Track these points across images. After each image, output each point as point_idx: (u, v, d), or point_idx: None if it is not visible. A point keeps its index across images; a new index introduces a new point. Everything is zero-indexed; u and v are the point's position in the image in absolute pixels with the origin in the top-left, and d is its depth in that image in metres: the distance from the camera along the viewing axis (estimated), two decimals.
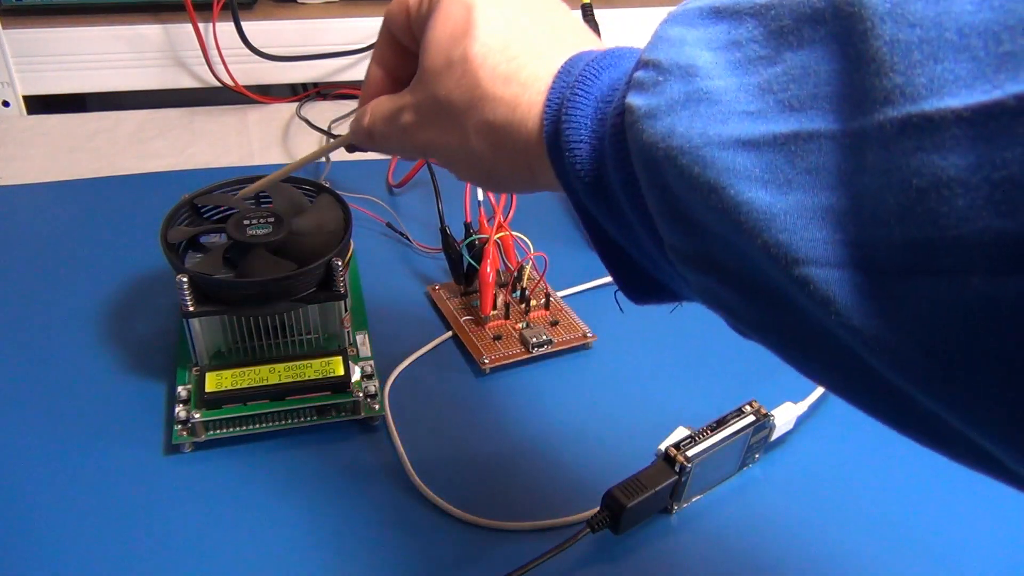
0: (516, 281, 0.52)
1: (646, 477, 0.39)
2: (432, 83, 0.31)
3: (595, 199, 0.26)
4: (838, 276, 0.19)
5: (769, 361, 0.54)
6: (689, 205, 0.22)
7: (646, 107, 0.22)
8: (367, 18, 0.78)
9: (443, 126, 0.31)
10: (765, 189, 0.20)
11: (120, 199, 0.63)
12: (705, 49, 0.22)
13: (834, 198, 0.19)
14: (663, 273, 0.27)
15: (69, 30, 0.73)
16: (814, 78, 0.20)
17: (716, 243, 0.22)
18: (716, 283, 0.23)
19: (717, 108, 0.21)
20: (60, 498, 0.40)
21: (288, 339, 0.46)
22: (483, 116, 0.29)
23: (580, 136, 0.26)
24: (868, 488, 0.43)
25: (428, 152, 0.33)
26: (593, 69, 0.27)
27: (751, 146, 0.20)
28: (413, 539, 0.39)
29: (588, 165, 0.26)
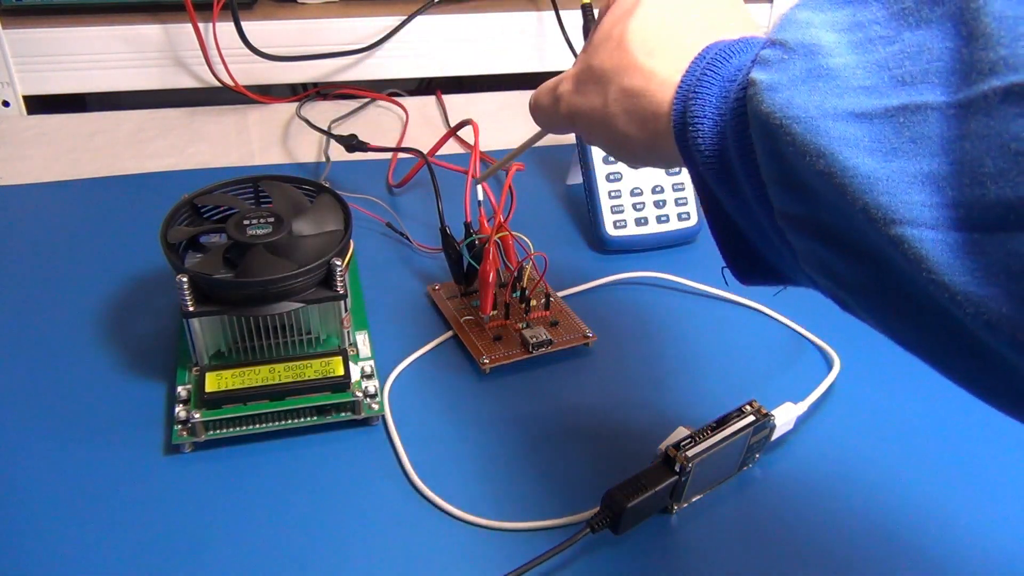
0: (516, 281, 0.52)
1: (646, 477, 0.39)
2: (592, 54, 0.35)
3: (714, 172, 0.29)
4: (932, 236, 0.20)
5: (769, 361, 0.54)
6: (800, 171, 0.23)
7: (769, 81, 0.24)
8: (367, 18, 0.78)
9: (591, 92, 0.35)
10: (871, 156, 0.21)
11: (120, 199, 0.63)
12: (830, 30, 0.24)
13: (935, 164, 0.20)
14: (771, 250, 0.29)
15: (69, 30, 0.73)
16: (928, 54, 0.21)
17: (822, 207, 0.24)
18: (822, 247, 0.25)
19: (835, 83, 0.23)
20: (60, 498, 0.40)
21: (288, 339, 0.46)
22: (623, 82, 0.33)
23: (705, 112, 0.28)
24: (868, 488, 0.43)
25: (574, 118, 0.36)
26: (725, 53, 0.29)
27: (863, 118, 0.22)
28: (413, 539, 0.39)
29: (710, 138, 0.28)
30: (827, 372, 0.49)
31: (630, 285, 0.57)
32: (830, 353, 0.50)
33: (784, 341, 0.52)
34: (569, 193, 0.66)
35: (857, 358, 0.50)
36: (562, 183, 0.67)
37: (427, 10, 0.79)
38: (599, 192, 0.59)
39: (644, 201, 0.60)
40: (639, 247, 0.60)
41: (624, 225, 0.59)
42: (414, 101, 0.80)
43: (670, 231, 0.60)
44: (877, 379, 0.49)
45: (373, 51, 0.79)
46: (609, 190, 0.59)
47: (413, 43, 0.80)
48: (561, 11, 0.79)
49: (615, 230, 0.59)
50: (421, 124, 0.77)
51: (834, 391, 0.48)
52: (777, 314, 0.54)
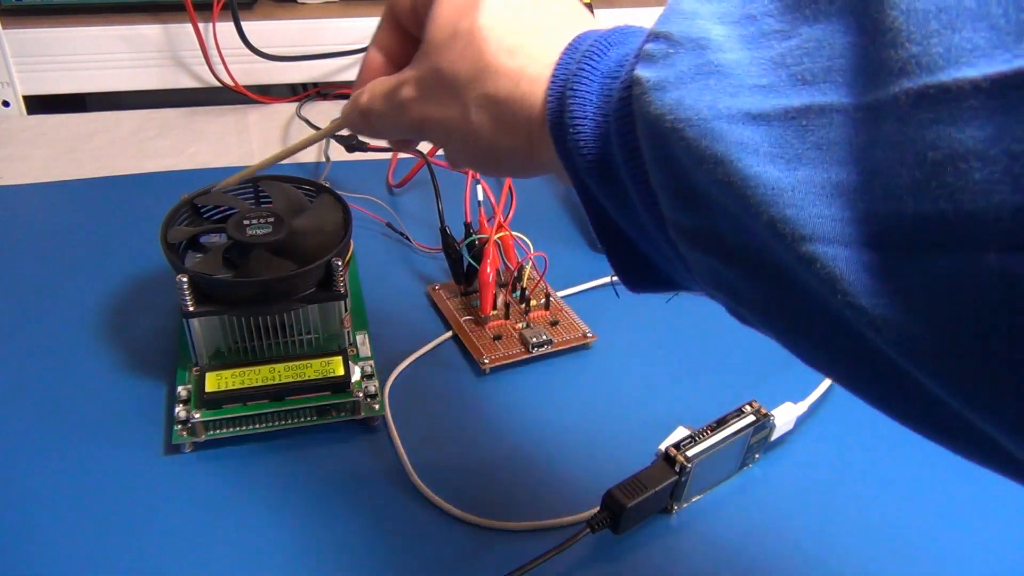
0: (516, 281, 0.52)
1: (646, 477, 0.39)
2: (436, 55, 0.30)
3: (597, 177, 0.26)
4: (846, 254, 0.18)
5: (769, 361, 0.54)
6: (695, 179, 0.21)
7: (655, 79, 0.22)
8: (367, 18, 0.78)
9: (444, 100, 0.30)
10: (773, 164, 0.19)
11: (120, 199, 0.63)
12: (718, 23, 0.22)
13: (844, 173, 0.18)
14: (662, 258, 0.26)
15: (69, 30, 0.72)
16: (828, 51, 0.19)
17: (720, 219, 0.21)
18: (719, 262, 0.22)
19: (728, 81, 0.21)
20: (60, 498, 0.40)
21: (288, 339, 0.46)
22: (485, 89, 0.29)
23: (585, 112, 0.26)
24: (868, 488, 0.43)
25: (425, 129, 0.32)
26: (601, 45, 0.27)
27: (761, 120, 0.20)
28: (413, 539, 0.39)
29: (592, 141, 0.26)
30: None
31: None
32: None
33: None
34: (569, 193, 0.66)
35: None
36: (562, 183, 0.67)
37: None
38: None
39: None
40: None
41: None
42: None
43: None
44: None
45: None
46: None
47: None
48: None
49: None
50: None
51: (834, 391, 0.48)
52: None
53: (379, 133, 0.36)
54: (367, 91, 0.34)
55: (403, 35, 0.35)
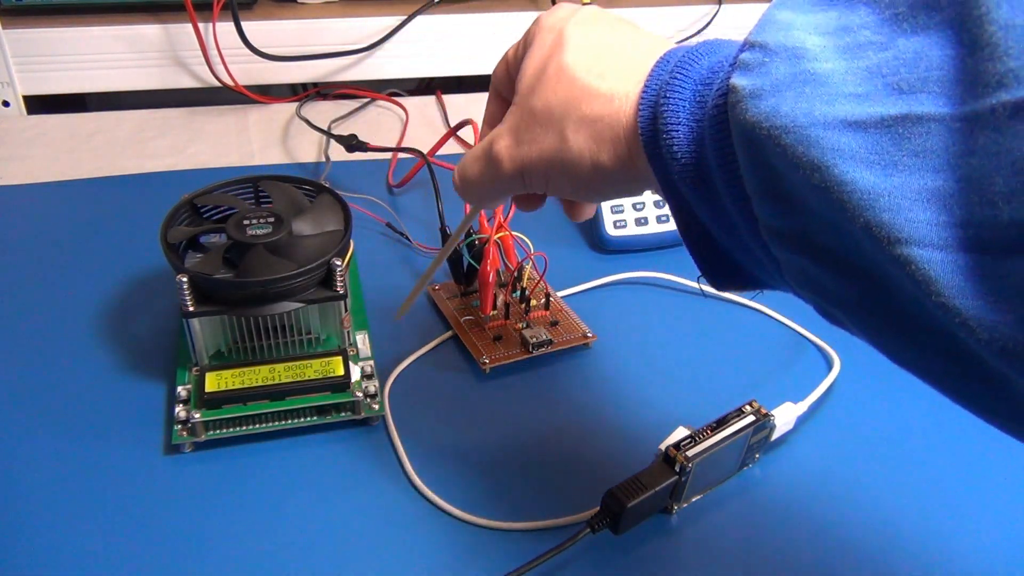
0: (516, 281, 0.52)
1: (646, 477, 0.39)
2: (527, 100, 0.32)
3: (690, 181, 0.27)
4: (940, 257, 0.19)
5: (769, 361, 0.54)
6: (791, 184, 0.22)
7: (751, 87, 0.23)
8: (367, 18, 0.78)
9: (539, 135, 0.31)
10: (870, 170, 0.20)
11: (120, 199, 0.63)
12: (814, 33, 0.22)
13: (940, 180, 0.19)
14: (750, 259, 0.27)
15: (69, 30, 0.72)
16: (926, 62, 0.20)
17: (815, 222, 0.22)
18: (811, 263, 0.23)
19: (824, 89, 0.21)
20: (60, 498, 0.40)
21: (288, 339, 0.46)
22: (580, 112, 0.30)
23: (678, 118, 0.27)
24: (867, 488, 0.43)
25: (526, 173, 0.33)
26: (692, 56, 0.28)
27: (858, 127, 0.20)
28: (413, 539, 0.39)
29: (685, 147, 0.27)
30: (827, 372, 0.49)
31: (630, 285, 0.57)
32: (830, 353, 0.50)
33: (784, 341, 0.52)
34: None
35: (857, 358, 0.50)
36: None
37: (427, 10, 0.79)
38: None
39: (644, 201, 0.60)
40: (639, 247, 0.60)
41: (624, 225, 0.59)
42: (414, 101, 0.80)
43: (670, 231, 0.60)
44: (877, 379, 0.49)
45: (373, 51, 0.79)
46: None
47: (413, 43, 0.80)
48: None
49: (615, 230, 0.59)
50: (421, 124, 0.77)
51: (834, 391, 0.48)
52: (777, 314, 0.54)
53: (485, 197, 0.36)
54: (459, 166, 0.36)
55: (507, 105, 0.36)
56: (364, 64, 0.80)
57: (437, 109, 0.80)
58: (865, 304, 0.23)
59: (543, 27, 0.33)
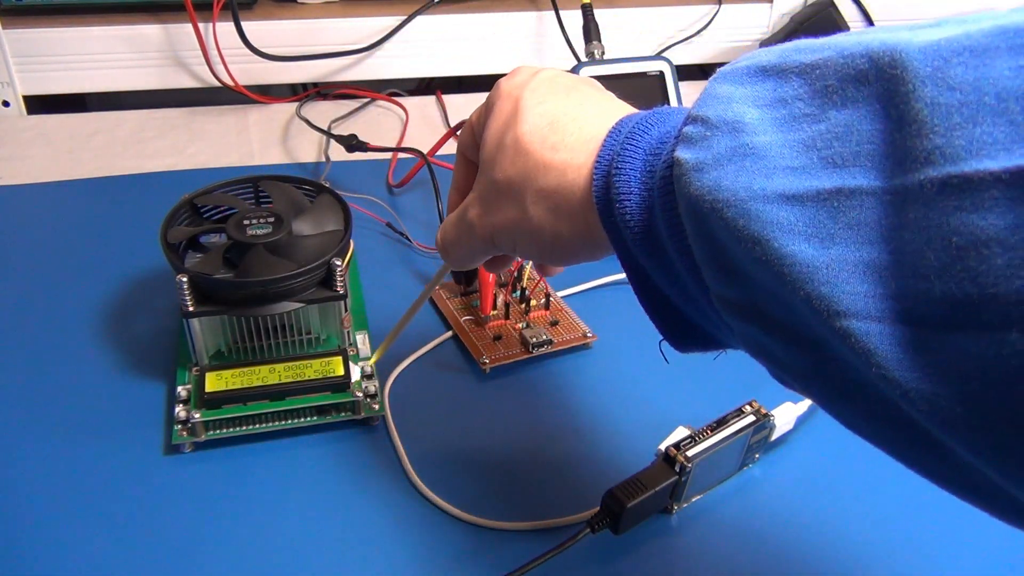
0: (516, 281, 0.52)
1: (646, 477, 0.39)
2: (489, 170, 0.33)
3: (643, 249, 0.27)
4: (879, 329, 0.19)
5: None
6: (734, 256, 0.23)
7: (694, 160, 0.23)
8: (367, 18, 0.78)
9: (503, 206, 0.33)
10: (808, 243, 0.20)
11: (120, 199, 0.63)
12: (752, 106, 0.23)
13: (875, 253, 0.20)
14: (708, 322, 0.28)
15: (69, 30, 0.72)
16: (857, 136, 0.20)
17: (760, 293, 0.23)
18: (760, 332, 0.24)
19: (762, 163, 0.22)
20: (60, 498, 0.40)
21: (288, 339, 0.46)
22: (537, 185, 0.31)
23: (630, 188, 0.27)
24: (868, 488, 0.43)
25: (495, 239, 0.34)
26: (642, 126, 0.28)
27: (795, 201, 0.21)
28: (413, 539, 0.39)
29: (637, 215, 0.27)
30: None
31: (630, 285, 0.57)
32: None
33: None
34: None
35: None
36: None
37: (427, 10, 0.79)
38: None
39: None
40: None
41: None
42: (414, 101, 0.80)
43: None
44: None
45: (373, 51, 0.79)
46: None
47: (413, 43, 0.80)
48: (561, 11, 0.78)
49: None
50: (421, 124, 0.77)
51: None
52: None
53: (463, 259, 0.38)
54: (440, 230, 0.38)
55: (474, 170, 0.37)
56: (364, 64, 0.80)
57: (437, 109, 0.80)
58: (814, 375, 0.23)
59: (502, 94, 0.34)
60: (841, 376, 0.22)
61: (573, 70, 0.60)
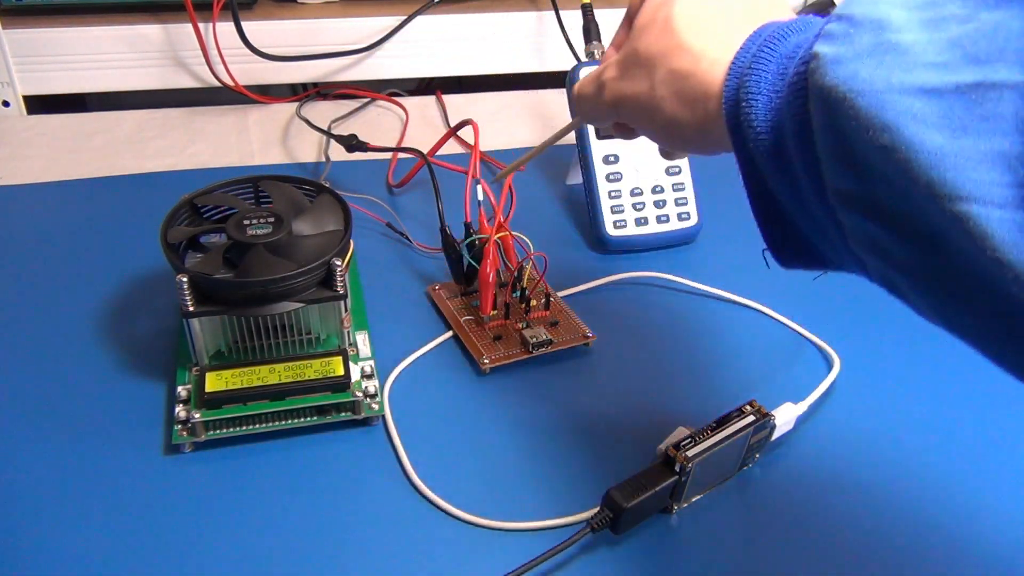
0: (516, 281, 0.52)
1: (646, 477, 0.39)
2: (636, 39, 0.34)
3: (765, 151, 0.28)
4: (999, 215, 0.20)
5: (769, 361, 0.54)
6: (860, 146, 0.23)
7: (833, 54, 0.24)
8: (367, 18, 0.78)
9: (636, 76, 0.34)
10: (939, 132, 0.21)
11: (120, 199, 0.63)
12: (900, 7, 0.23)
13: (1007, 143, 0.20)
14: (817, 232, 0.28)
15: (69, 30, 0.72)
16: (1004, 33, 0.21)
17: (881, 184, 0.23)
18: (876, 226, 0.24)
19: (904, 58, 0.22)
20: (60, 498, 0.40)
21: (288, 339, 0.46)
22: (672, 64, 0.32)
23: (760, 88, 0.28)
24: (867, 488, 0.43)
25: (620, 106, 0.35)
26: (782, 31, 0.29)
27: (932, 93, 0.21)
28: (413, 539, 0.39)
29: (763, 116, 0.28)
30: (827, 372, 0.49)
31: (630, 285, 0.57)
32: (830, 353, 0.50)
33: (784, 341, 0.52)
34: (569, 193, 0.66)
35: (857, 358, 0.50)
36: (562, 183, 0.67)
37: (427, 10, 0.79)
38: (599, 192, 0.59)
39: (644, 201, 0.60)
40: (639, 247, 0.60)
41: (624, 225, 0.59)
42: (414, 101, 0.80)
43: (670, 231, 0.60)
44: (877, 379, 0.49)
45: (373, 51, 0.79)
46: (609, 190, 0.59)
47: (413, 43, 0.80)
48: (561, 11, 0.78)
49: (615, 230, 0.59)
50: (421, 124, 0.77)
51: (834, 391, 0.48)
52: (777, 314, 0.54)
53: (589, 116, 0.39)
54: (583, 78, 0.39)
55: None
56: (364, 64, 0.80)
57: (437, 109, 0.80)
58: (926, 268, 0.23)
59: None
60: (954, 268, 0.22)
61: (573, 70, 0.60)
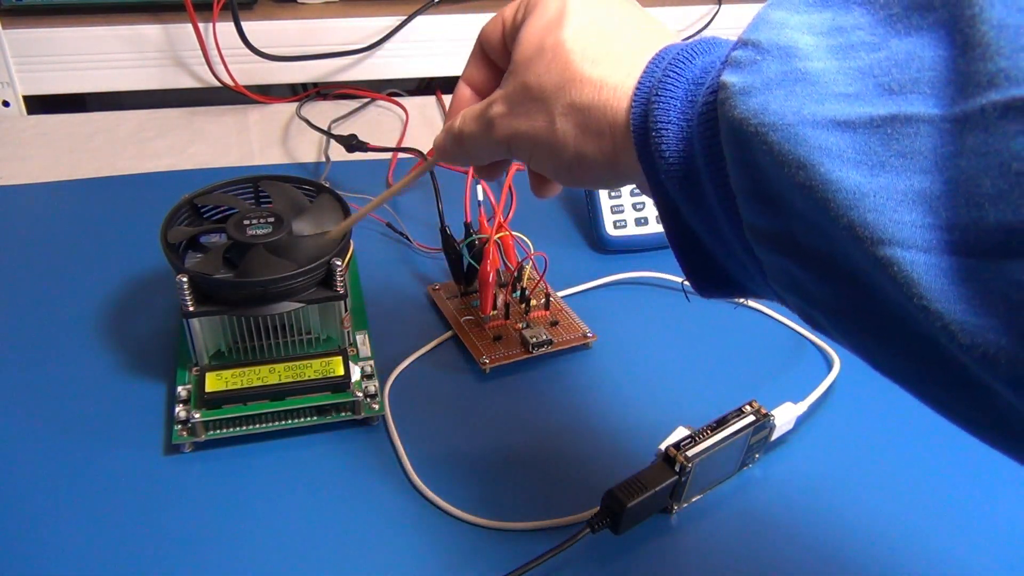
0: (516, 281, 0.52)
1: (646, 477, 0.39)
2: (524, 71, 0.32)
3: (678, 181, 0.27)
4: (924, 259, 0.19)
5: (769, 361, 0.54)
6: (776, 183, 0.22)
7: (741, 84, 0.23)
8: (367, 18, 0.78)
9: (531, 112, 0.31)
10: (857, 169, 0.20)
11: (120, 199, 0.63)
12: (807, 33, 0.22)
13: (928, 181, 0.19)
14: (735, 263, 0.27)
15: (69, 30, 0.72)
16: (917, 63, 0.20)
17: (798, 223, 0.22)
18: (794, 265, 0.23)
19: (814, 88, 0.21)
20: (60, 498, 0.40)
21: (288, 339, 0.46)
22: (570, 97, 0.30)
23: (669, 117, 0.26)
24: (867, 488, 0.43)
25: (513, 144, 0.33)
26: (687, 54, 0.28)
27: (846, 127, 0.20)
28: (413, 539, 0.39)
29: (674, 146, 0.26)
30: (827, 372, 0.49)
31: (630, 285, 0.57)
32: (830, 353, 0.50)
33: (784, 341, 0.52)
34: (569, 193, 0.66)
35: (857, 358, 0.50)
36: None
37: (427, 10, 0.79)
38: (599, 192, 0.59)
39: (644, 201, 0.60)
40: (639, 247, 0.60)
41: (624, 225, 0.59)
42: (414, 101, 0.80)
43: None
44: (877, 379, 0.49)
45: (373, 51, 0.79)
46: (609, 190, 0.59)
47: (413, 43, 0.80)
48: None
49: (615, 230, 0.59)
50: (421, 124, 0.77)
51: (834, 391, 0.48)
52: (777, 314, 0.54)
53: (472, 155, 0.36)
54: (459, 117, 0.36)
55: (490, 68, 0.37)
56: (364, 64, 0.80)
57: (437, 109, 0.80)
58: (847, 308, 0.22)
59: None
60: (878, 310, 0.21)
61: None
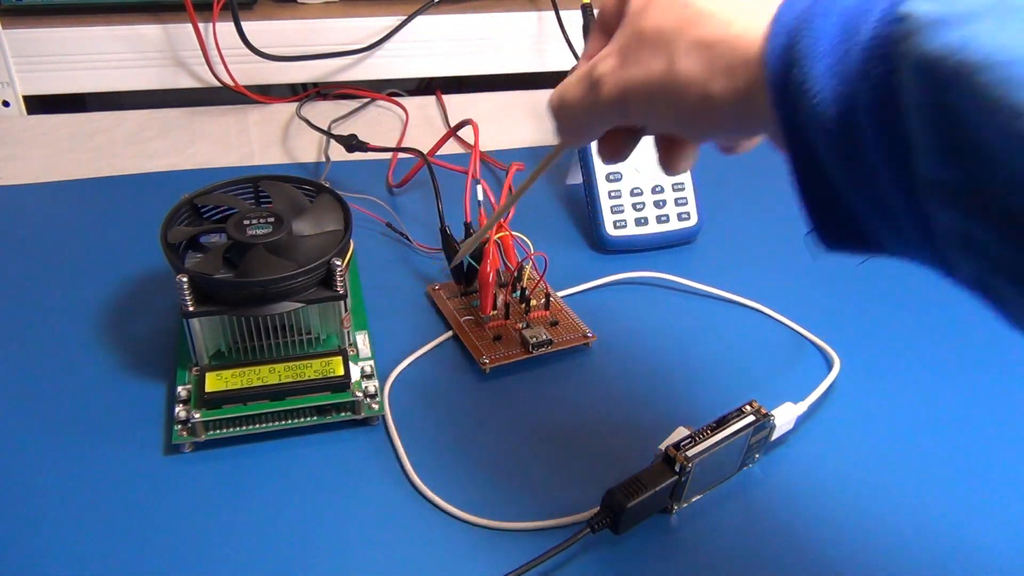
0: (516, 281, 0.52)
1: (646, 477, 0.39)
2: (637, 20, 0.29)
3: (823, 126, 0.23)
4: None
5: (769, 361, 0.54)
6: (979, 132, 0.19)
7: (933, 14, 0.20)
8: (367, 18, 0.78)
9: (646, 57, 0.28)
10: None
11: (120, 199, 0.63)
12: None
13: None
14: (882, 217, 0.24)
15: (69, 30, 0.72)
16: None
17: (1000, 178, 0.19)
18: (982, 225, 0.20)
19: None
20: (60, 498, 0.40)
21: (288, 339, 0.46)
22: (695, 33, 0.27)
23: (819, 48, 0.23)
24: (867, 488, 0.43)
25: (627, 97, 0.29)
26: None
27: None
28: (413, 539, 0.39)
29: (825, 82, 0.23)
30: (827, 372, 0.49)
31: (630, 285, 0.57)
32: (830, 353, 0.50)
33: (784, 341, 0.52)
34: (569, 193, 0.66)
35: (857, 358, 0.50)
36: (562, 183, 0.67)
37: (427, 10, 0.79)
38: (599, 192, 0.59)
39: (644, 201, 0.60)
40: (639, 247, 0.60)
41: (624, 225, 0.59)
42: (414, 101, 0.80)
43: (670, 231, 0.60)
44: (877, 379, 0.49)
45: (373, 51, 0.79)
46: (609, 190, 0.59)
47: (413, 43, 0.80)
48: (561, 11, 0.78)
49: (615, 230, 0.59)
50: (421, 124, 0.77)
51: (834, 391, 0.48)
52: (777, 314, 0.54)
53: (574, 123, 0.33)
54: (561, 85, 0.32)
55: None
56: (364, 64, 0.80)
57: (437, 109, 0.80)
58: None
59: None
60: None
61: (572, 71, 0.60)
